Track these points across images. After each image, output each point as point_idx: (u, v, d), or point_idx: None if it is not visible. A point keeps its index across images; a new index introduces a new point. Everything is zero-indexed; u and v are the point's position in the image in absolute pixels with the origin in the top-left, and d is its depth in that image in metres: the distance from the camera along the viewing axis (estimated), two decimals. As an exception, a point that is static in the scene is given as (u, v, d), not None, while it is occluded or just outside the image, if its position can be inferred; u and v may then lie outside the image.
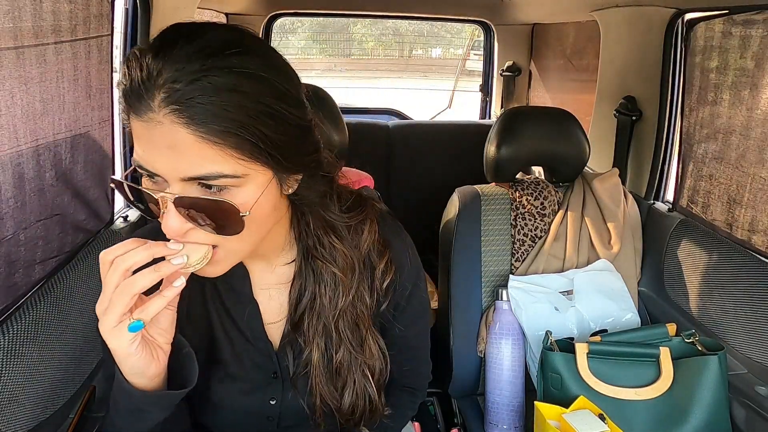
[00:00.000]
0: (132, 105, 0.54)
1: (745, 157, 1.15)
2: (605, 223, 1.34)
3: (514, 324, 1.21)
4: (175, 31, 0.56)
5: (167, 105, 0.52)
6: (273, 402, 0.80)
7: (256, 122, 0.55)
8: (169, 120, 0.52)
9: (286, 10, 2.59)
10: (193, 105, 0.52)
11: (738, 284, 1.14)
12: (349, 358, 0.77)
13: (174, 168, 0.55)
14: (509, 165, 1.33)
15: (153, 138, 0.54)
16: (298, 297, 0.76)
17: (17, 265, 0.85)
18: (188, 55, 0.53)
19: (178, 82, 0.52)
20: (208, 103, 0.52)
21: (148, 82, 0.52)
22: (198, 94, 0.52)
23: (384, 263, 0.78)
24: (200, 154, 0.54)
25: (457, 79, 5.80)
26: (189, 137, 0.53)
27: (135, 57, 0.54)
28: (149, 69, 0.53)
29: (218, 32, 0.57)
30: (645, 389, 1.03)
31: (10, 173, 0.81)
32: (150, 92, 0.52)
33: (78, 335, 0.97)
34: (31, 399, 0.84)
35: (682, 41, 1.36)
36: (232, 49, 0.55)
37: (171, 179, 0.56)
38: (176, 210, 0.56)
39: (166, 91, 0.52)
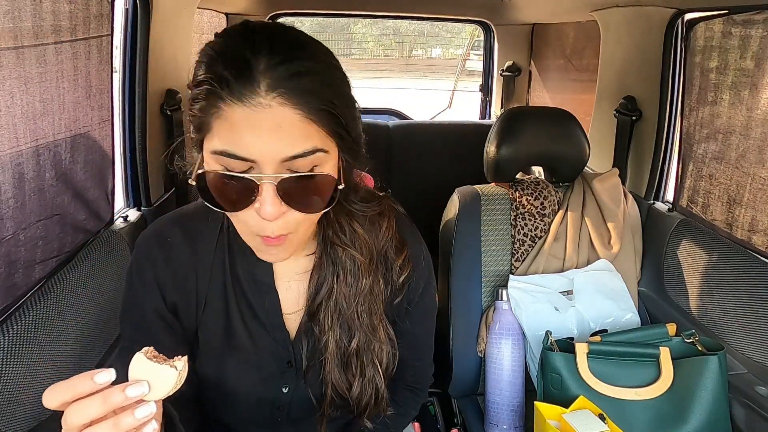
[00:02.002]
0: (234, 92, 0.56)
1: (745, 157, 1.15)
2: (605, 223, 1.34)
3: (514, 324, 1.21)
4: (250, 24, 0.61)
5: (274, 89, 0.56)
6: (285, 390, 0.81)
7: (339, 100, 0.61)
8: (277, 102, 0.56)
9: (286, 10, 2.59)
10: (296, 87, 0.57)
11: (738, 284, 1.14)
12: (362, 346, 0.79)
13: (277, 149, 0.57)
14: (509, 165, 1.33)
15: (258, 122, 0.56)
16: (316, 287, 0.78)
17: (17, 265, 0.85)
18: (277, 41, 0.58)
19: (280, 68, 0.56)
20: (308, 84, 0.57)
21: (251, 71, 0.56)
22: (302, 76, 0.57)
23: (402, 259, 0.81)
24: (302, 132, 0.58)
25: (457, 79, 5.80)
26: (295, 116, 0.57)
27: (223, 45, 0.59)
28: (247, 55, 0.57)
29: (281, 26, 0.63)
30: (645, 389, 1.03)
31: (10, 173, 0.81)
32: (255, 79, 0.56)
33: (78, 335, 0.97)
34: (31, 399, 0.84)
35: (682, 41, 1.36)
36: (306, 41, 0.62)
37: (268, 162, 0.58)
38: (275, 194, 0.59)
39: (271, 77, 0.56)
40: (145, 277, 0.77)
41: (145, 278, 0.77)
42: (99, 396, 0.50)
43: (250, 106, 0.56)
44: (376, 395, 0.81)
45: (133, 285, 0.78)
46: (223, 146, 0.58)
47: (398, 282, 0.81)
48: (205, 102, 0.58)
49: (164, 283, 0.77)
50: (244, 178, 0.59)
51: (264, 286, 0.79)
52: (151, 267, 0.77)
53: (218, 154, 0.59)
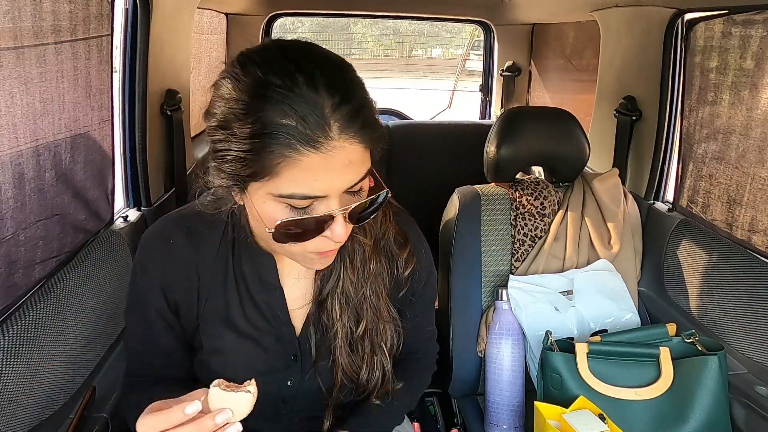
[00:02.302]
0: (311, 143, 0.59)
1: (745, 157, 1.15)
2: (605, 223, 1.34)
3: (514, 324, 1.21)
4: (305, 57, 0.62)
5: (345, 131, 0.60)
6: (290, 384, 0.84)
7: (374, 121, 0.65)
8: (348, 143, 0.60)
9: (286, 10, 2.59)
10: (360, 124, 0.61)
11: (738, 284, 1.14)
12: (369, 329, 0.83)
13: (346, 182, 0.63)
14: (509, 165, 1.33)
15: (332, 164, 0.60)
16: (324, 278, 0.82)
17: (17, 265, 0.85)
18: (331, 79, 0.60)
19: (343, 108, 0.60)
20: (366, 118, 0.62)
21: (323, 119, 0.59)
22: (359, 112, 0.61)
23: (406, 254, 0.85)
24: (362, 161, 0.63)
25: (457, 79, 5.80)
26: (360, 149, 0.62)
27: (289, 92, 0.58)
28: (316, 102, 0.59)
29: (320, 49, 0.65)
30: (645, 389, 1.03)
31: (10, 173, 0.81)
32: (328, 126, 0.59)
33: (78, 335, 0.97)
34: (31, 399, 0.84)
35: (682, 41, 1.36)
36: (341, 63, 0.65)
37: (335, 194, 0.63)
38: (344, 220, 0.65)
39: (338, 121, 0.59)
40: (149, 277, 0.80)
41: (148, 278, 0.80)
42: (194, 424, 0.58)
43: (326, 151, 0.59)
44: (383, 376, 0.84)
45: (137, 284, 0.82)
46: (293, 190, 0.61)
47: (404, 275, 0.85)
48: (272, 151, 0.59)
49: (167, 283, 0.80)
50: (320, 216, 0.64)
51: (269, 284, 0.82)
52: (154, 268, 0.80)
53: (287, 197, 0.62)
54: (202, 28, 2.04)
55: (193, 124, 1.83)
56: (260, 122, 0.59)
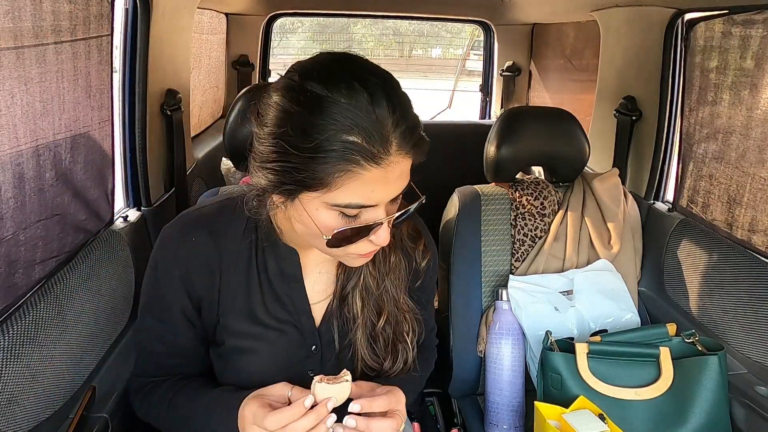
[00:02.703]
0: (375, 159, 0.63)
1: (745, 157, 1.15)
2: (605, 223, 1.34)
3: (514, 324, 1.21)
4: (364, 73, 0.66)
5: (401, 148, 0.65)
6: (311, 374, 0.84)
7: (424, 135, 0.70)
8: (402, 158, 0.66)
9: (286, 10, 2.59)
10: (413, 140, 0.66)
11: (738, 284, 1.14)
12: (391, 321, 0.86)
13: (397, 191, 0.69)
14: (509, 165, 1.33)
15: (388, 176, 0.66)
16: (347, 275, 0.85)
17: (17, 265, 0.85)
18: (390, 96, 0.65)
19: (401, 125, 0.65)
20: (418, 134, 0.67)
21: (385, 138, 0.63)
22: (412, 132, 0.66)
23: (422, 246, 0.91)
24: (407, 172, 0.69)
25: (457, 79, 5.80)
26: (409, 162, 0.68)
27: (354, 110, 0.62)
28: (379, 120, 0.63)
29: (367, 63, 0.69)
30: (645, 389, 1.03)
31: (10, 173, 0.81)
32: (388, 144, 0.64)
33: (78, 335, 0.97)
34: (31, 399, 0.84)
35: (682, 41, 1.36)
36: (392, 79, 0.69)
37: (383, 203, 0.68)
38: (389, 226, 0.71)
39: (397, 138, 0.64)
40: (172, 275, 0.82)
41: (171, 276, 0.82)
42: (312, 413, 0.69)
43: (386, 164, 0.64)
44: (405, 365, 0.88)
45: (158, 281, 0.83)
46: (350, 200, 0.66)
47: (422, 266, 0.91)
48: (335, 165, 0.63)
49: (190, 281, 0.82)
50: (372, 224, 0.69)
51: (292, 277, 0.85)
52: (177, 266, 0.81)
53: (344, 207, 0.67)
54: (202, 28, 2.04)
55: (193, 124, 1.83)
56: (324, 137, 0.62)
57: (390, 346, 0.87)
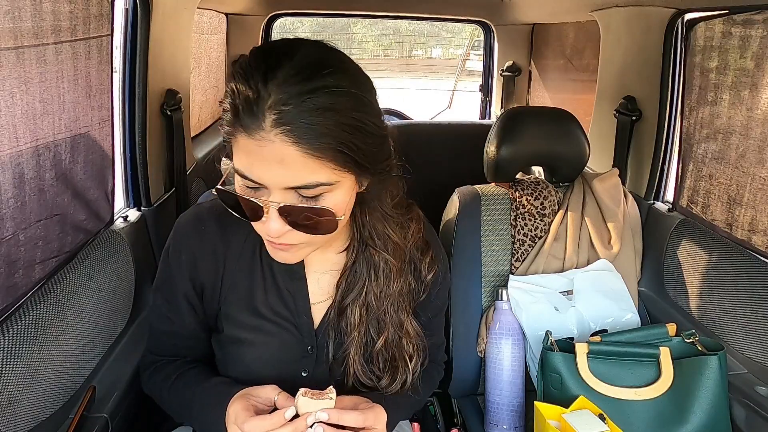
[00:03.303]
0: (243, 124, 0.62)
1: (745, 157, 1.15)
2: (605, 223, 1.34)
3: (514, 324, 1.21)
4: (276, 52, 0.64)
5: (277, 126, 0.60)
6: (305, 374, 0.86)
7: (349, 136, 0.63)
8: (279, 139, 0.61)
9: (286, 10, 2.59)
10: (299, 126, 0.60)
11: (738, 284, 1.14)
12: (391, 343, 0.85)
13: (280, 179, 0.63)
14: (509, 165, 1.33)
15: (263, 153, 0.62)
16: (349, 285, 0.84)
17: (17, 265, 0.85)
18: (291, 77, 0.61)
19: (287, 105, 0.60)
20: (313, 123, 0.61)
21: (259, 105, 0.60)
22: (304, 116, 0.60)
23: (429, 258, 0.89)
24: (304, 167, 0.63)
25: (457, 79, 5.79)
26: (296, 153, 0.61)
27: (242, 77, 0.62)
28: (258, 91, 0.61)
29: (311, 51, 0.65)
30: (645, 389, 1.03)
31: (10, 173, 0.81)
32: (261, 114, 0.60)
33: (78, 335, 0.97)
34: (31, 399, 0.84)
35: (682, 41, 1.36)
36: (327, 69, 0.63)
37: (274, 188, 0.64)
38: (278, 216, 0.66)
39: (276, 114, 0.60)
40: (180, 260, 0.85)
41: (179, 261, 0.85)
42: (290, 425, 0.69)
43: (257, 139, 0.61)
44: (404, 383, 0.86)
45: (169, 264, 0.86)
46: (239, 167, 0.65)
47: (427, 280, 0.89)
48: (228, 126, 0.65)
49: (196, 266, 0.85)
50: (252, 200, 0.66)
51: (295, 274, 0.85)
52: (185, 251, 0.85)
53: (237, 172, 0.66)
54: (202, 28, 2.04)
55: (193, 124, 1.83)
56: (226, 101, 0.64)
57: (389, 367, 0.86)
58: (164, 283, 0.88)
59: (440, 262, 0.92)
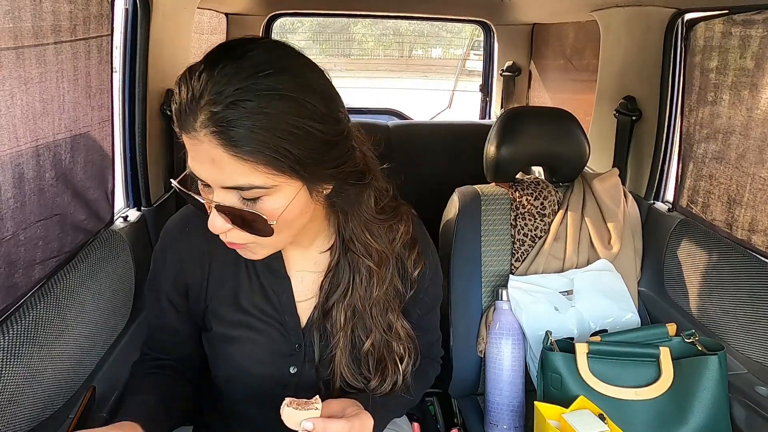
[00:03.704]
0: (180, 122, 0.62)
1: (745, 157, 1.15)
2: (605, 223, 1.34)
3: (514, 324, 1.21)
4: (220, 51, 0.63)
5: (206, 127, 0.60)
6: (293, 371, 0.86)
7: (282, 141, 0.61)
8: (208, 140, 0.60)
9: (286, 10, 2.59)
10: (227, 128, 0.59)
11: (738, 284, 1.14)
12: (378, 345, 0.84)
13: (215, 178, 0.64)
14: (509, 165, 1.33)
15: (197, 152, 0.63)
16: (331, 286, 0.84)
17: (17, 265, 0.85)
18: (228, 76, 0.59)
19: (216, 105, 0.59)
20: (240, 127, 0.59)
21: (192, 104, 0.60)
22: (231, 118, 0.59)
23: (415, 254, 0.88)
24: (235, 169, 0.62)
25: (457, 79, 5.79)
26: (225, 155, 0.61)
27: (185, 76, 0.62)
28: (193, 90, 0.60)
29: (259, 52, 0.63)
30: (645, 389, 1.03)
31: (10, 173, 0.81)
32: (194, 113, 0.60)
33: (78, 335, 0.97)
34: (31, 399, 0.84)
35: (682, 41, 1.36)
36: (266, 71, 0.61)
37: (214, 186, 0.65)
38: (217, 214, 0.66)
39: (206, 114, 0.59)
40: (165, 260, 0.86)
41: (165, 261, 0.86)
42: None
43: (191, 137, 0.62)
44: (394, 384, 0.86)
45: (157, 263, 0.88)
46: (189, 165, 0.66)
47: (413, 276, 0.87)
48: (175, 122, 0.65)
49: (181, 267, 0.86)
50: (195, 198, 0.68)
51: (277, 273, 0.85)
52: (171, 253, 0.86)
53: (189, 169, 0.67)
54: (202, 28, 2.04)
55: (193, 124, 1.82)
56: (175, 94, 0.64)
57: (378, 368, 0.85)
58: (151, 281, 0.90)
59: (428, 257, 0.90)
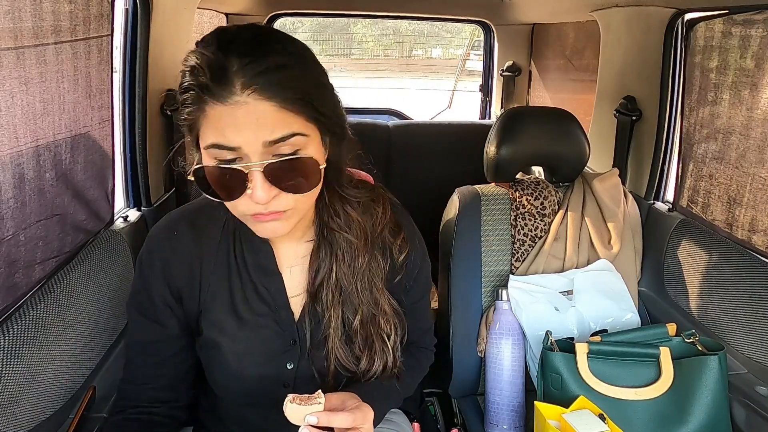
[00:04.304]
0: (214, 94, 0.65)
1: (745, 157, 1.15)
2: (605, 223, 1.34)
3: (514, 324, 1.21)
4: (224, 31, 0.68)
5: (248, 87, 0.64)
6: (290, 367, 0.86)
7: (313, 89, 0.69)
8: (252, 98, 0.65)
9: (286, 10, 2.59)
10: (267, 82, 0.65)
11: (738, 284, 1.14)
12: (366, 321, 0.86)
13: (258, 137, 0.66)
14: (509, 165, 1.33)
15: (238, 116, 0.65)
16: (316, 269, 0.85)
17: (17, 265, 0.85)
18: (247, 44, 0.66)
19: (251, 66, 0.64)
20: (279, 79, 0.65)
21: (226, 73, 0.64)
22: (269, 73, 0.65)
23: (400, 240, 0.89)
24: (279, 121, 0.66)
25: (457, 79, 5.80)
26: (270, 108, 0.65)
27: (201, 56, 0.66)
28: (222, 62, 0.64)
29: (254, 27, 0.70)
30: (645, 389, 1.03)
31: (10, 173, 0.81)
32: (230, 80, 0.64)
33: (78, 335, 0.97)
34: (31, 399, 0.84)
35: (682, 41, 1.36)
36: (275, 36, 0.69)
37: (253, 150, 0.66)
38: (263, 179, 0.67)
39: (243, 77, 0.64)
40: (154, 265, 0.84)
41: (153, 267, 0.84)
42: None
43: (229, 104, 0.65)
44: (384, 366, 0.87)
45: (143, 273, 0.85)
46: (212, 140, 0.67)
47: (398, 261, 0.89)
48: (193, 106, 0.67)
49: (171, 271, 0.84)
50: (234, 168, 0.67)
51: (269, 270, 0.86)
52: (159, 257, 0.84)
53: (210, 147, 0.67)
54: (202, 28, 2.04)
55: (193, 124, 1.82)
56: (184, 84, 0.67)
57: (367, 347, 0.86)
58: (140, 292, 0.85)
59: (414, 244, 0.91)
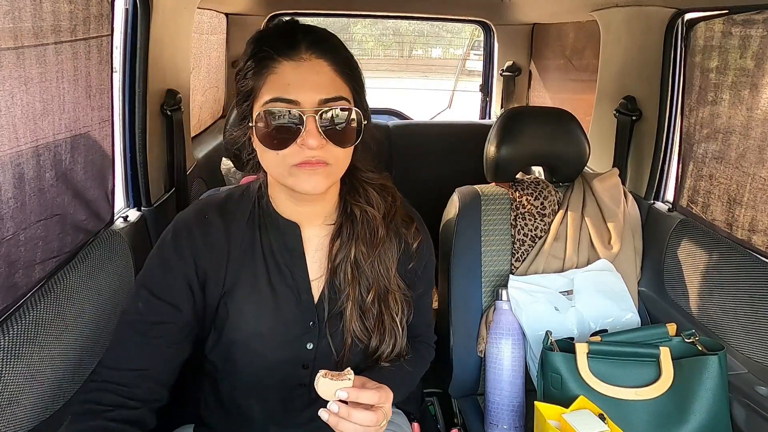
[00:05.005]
0: (284, 53, 0.78)
1: (745, 157, 1.15)
2: (605, 223, 1.34)
3: (514, 324, 1.21)
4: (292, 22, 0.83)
5: (311, 48, 0.79)
6: (310, 347, 0.90)
7: (355, 66, 0.83)
8: (315, 57, 0.79)
9: (286, 10, 2.59)
10: (327, 49, 0.80)
11: (738, 284, 1.14)
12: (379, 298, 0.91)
13: (315, 91, 0.77)
14: (509, 165, 1.33)
15: (302, 72, 0.78)
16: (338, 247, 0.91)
17: (17, 265, 0.85)
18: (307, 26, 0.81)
19: (313, 35, 0.80)
20: (334, 47, 0.81)
21: (294, 36, 0.79)
22: (327, 41, 0.81)
23: (413, 229, 0.96)
24: (333, 81, 0.80)
25: (457, 79, 5.79)
26: (327, 67, 0.79)
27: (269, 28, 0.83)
28: (291, 29, 0.80)
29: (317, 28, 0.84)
30: (645, 389, 1.03)
31: (10, 173, 0.81)
32: (298, 42, 0.79)
33: (78, 335, 0.97)
34: (31, 399, 0.84)
35: (682, 41, 1.36)
36: None
37: (309, 105, 0.77)
38: (316, 127, 0.76)
39: (308, 41, 0.79)
40: (182, 246, 0.87)
41: (180, 248, 0.87)
42: None
43: (296, 60, 0.78)
44: (394, 345, 0.92)
45: (164, 254, 0.87)
46: (274, 94, 0.77)
47: (413, 248, 0.95)
48: (259, 66, 0.79)
49: (199, 253, 0.87)
50: (292, 111, 0.76)
51: (294, 251, 0.90)
52: (188, 238, 0.87)
53: (269, 102, 0.77)
54: (202, 28, 2.04)
55: (193, 124, 1.83)
56: (250, 51, 0.80)
57: (378, 323, 0.91)
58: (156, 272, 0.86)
59: (425, 232, 0.98)
